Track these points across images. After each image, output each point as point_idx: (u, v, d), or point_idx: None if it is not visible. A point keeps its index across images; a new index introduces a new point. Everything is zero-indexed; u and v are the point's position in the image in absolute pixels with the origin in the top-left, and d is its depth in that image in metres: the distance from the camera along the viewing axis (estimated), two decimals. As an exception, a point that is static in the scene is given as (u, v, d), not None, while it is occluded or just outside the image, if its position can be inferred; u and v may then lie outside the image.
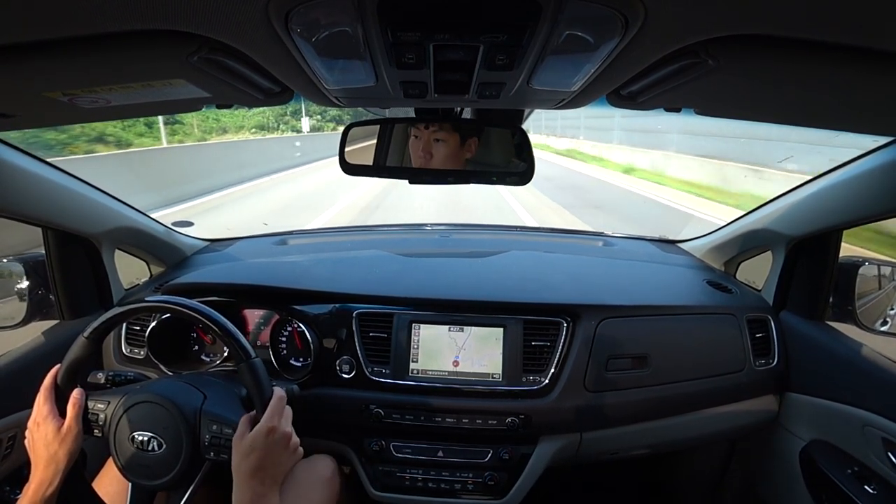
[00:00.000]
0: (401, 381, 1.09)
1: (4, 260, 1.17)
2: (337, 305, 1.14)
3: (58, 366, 0.83)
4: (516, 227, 1.93)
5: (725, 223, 1.44)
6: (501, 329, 1.10)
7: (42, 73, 0.51)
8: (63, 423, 0.79)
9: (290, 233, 1.75)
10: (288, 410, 0.81)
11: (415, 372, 1.10)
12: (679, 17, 0.40)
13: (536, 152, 0.92)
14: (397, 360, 1.10)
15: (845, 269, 1.12)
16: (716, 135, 9.29)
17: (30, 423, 0.80)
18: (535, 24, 0.41)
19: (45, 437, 0.78)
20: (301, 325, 1.13)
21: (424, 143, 0.94)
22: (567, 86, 0.61)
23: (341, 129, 0.98)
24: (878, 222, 0.98)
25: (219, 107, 0.75)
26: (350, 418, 1.10)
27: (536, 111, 1.11)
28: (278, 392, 0.80)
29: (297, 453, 0.80)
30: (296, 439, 0.80)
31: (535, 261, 1.40)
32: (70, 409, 0.80)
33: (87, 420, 0.83)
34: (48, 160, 1.03)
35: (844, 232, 1.08)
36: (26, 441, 0.80)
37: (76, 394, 0.82)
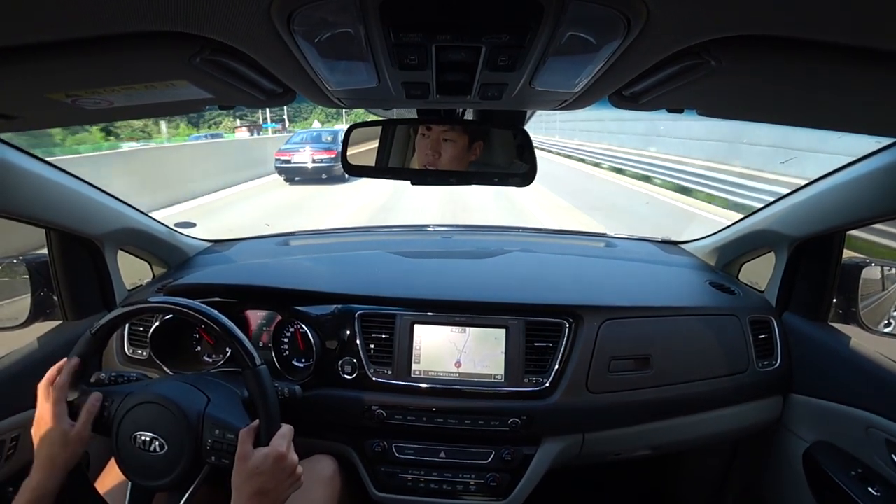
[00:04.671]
0: (403, 382, 1.09)
1: (10, 261, 1.17)
2: (339, 306, 1.14)
3: (60, 362, 0.83)
4: (518, 228, 1.93)
5: (728, 224, 1.44)
6: (503, 330, 1.10)
7: (45, 75, 0.51)
8: (72, 428, 0.78)
9: (293, 234, 1.75)
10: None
11: (417, 373, 1.10)
12: (681, 18, 0.40)
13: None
14: (399, 361, 1.10)
15: (848, 270, 1.11)
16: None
17: (36, 419, 0.79)
18: (537, 25, 0.41)
19: (51, 439, 0.77)
20: (303, 325, 1.13)
21: (433, 141, 0.93)
22: (569, 87, 0.60)
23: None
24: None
25: (221, 107, 0.75)
26: (352, 419, 1.10)
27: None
28: (288, 427, 0.82)
29: (298, 482, 0.81)
30: (300, 469, 0.80)
31: (538, 262, 1.40)
32: (84, 414, 0.79)
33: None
34: (50, 161, 1.04)
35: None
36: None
37: (94, 399, 0.81)
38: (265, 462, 0.75)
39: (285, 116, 28.30)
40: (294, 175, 11.10)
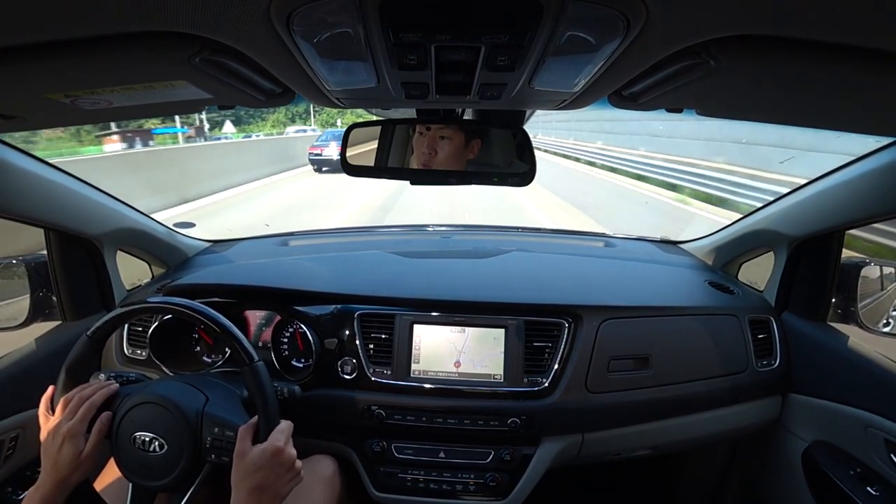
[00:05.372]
0: (402, 382, 1.09)
1: (9, 261, 1.17)
2: (338, 306, 1.14)
3: (102, 390, 0.82)
4: (518, 228, 1.93)
5: (727, 224, 1.44)
6: (503, 330, 1.10)
7: (44, 75, 0.51)
8: (83, 448, 0.77)
9: (292, 234, 1.75)
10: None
11: (416, 373, 1.10)
12: (680, 18, 0.40)
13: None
14: (399, 361, 1.10)
15: (847, 270, 1.11)
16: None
17: (48, 434, 0.78)
18: (536, 25, 0.41)
19: (64, 457, 0.75)
20: (303, 325, 1.13)
21: (429, 139, 0.94)
22: (568, 87, 0.60)
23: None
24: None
25: (220, 108, 0.75)
26: (351, 419, 1.10)
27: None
28: (286, 422, 0.82)
29: (298, 477, 0.80)
30: (299, 464, 0.80)
31: (537, 262, 1.40)
32: (94, 436, 0.78)
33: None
34: (50, 161, 1.04)
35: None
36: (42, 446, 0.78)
37: (104, 418, 0.80)
38: (263, 457, 0.75)
39: (203, 117, 22.02)
40: (323, 165, 13.08)
